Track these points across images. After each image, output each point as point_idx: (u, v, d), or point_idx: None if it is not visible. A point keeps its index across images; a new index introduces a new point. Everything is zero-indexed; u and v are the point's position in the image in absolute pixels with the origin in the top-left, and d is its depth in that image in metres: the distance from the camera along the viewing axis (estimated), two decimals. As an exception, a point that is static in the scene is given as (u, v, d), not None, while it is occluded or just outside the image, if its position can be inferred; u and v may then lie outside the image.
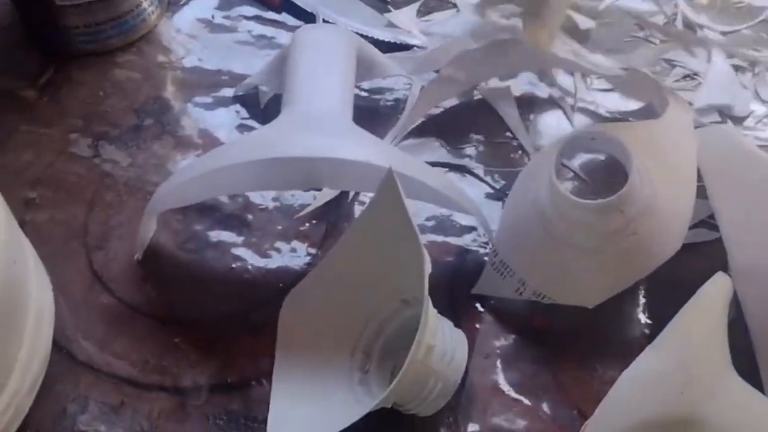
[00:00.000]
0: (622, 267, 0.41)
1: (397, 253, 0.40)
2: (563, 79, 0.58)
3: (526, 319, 0.45)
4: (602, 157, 0.51)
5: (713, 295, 0.35)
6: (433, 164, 0.51)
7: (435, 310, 0.39)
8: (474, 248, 0.48)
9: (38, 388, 0.40)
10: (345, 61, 0.49)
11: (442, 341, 0.38)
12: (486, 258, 0.46)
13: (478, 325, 0.44)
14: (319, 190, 0.50)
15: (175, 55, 0.60)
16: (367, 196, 0.49)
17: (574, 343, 0.44)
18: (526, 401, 0.42)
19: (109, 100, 0.56)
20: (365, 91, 0.57)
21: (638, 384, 0.32)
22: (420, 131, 0.54)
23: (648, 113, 0.54)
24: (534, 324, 0.44)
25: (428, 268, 0.36)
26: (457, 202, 0.44)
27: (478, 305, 0.45)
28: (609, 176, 0.48)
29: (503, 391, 0.42)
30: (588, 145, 0.46)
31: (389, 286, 0.41)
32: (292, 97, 0.46)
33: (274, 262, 0.47)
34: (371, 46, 0.53)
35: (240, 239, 0.48)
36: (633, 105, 0.56)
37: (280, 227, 0.49)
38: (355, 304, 0.42)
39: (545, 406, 0.41)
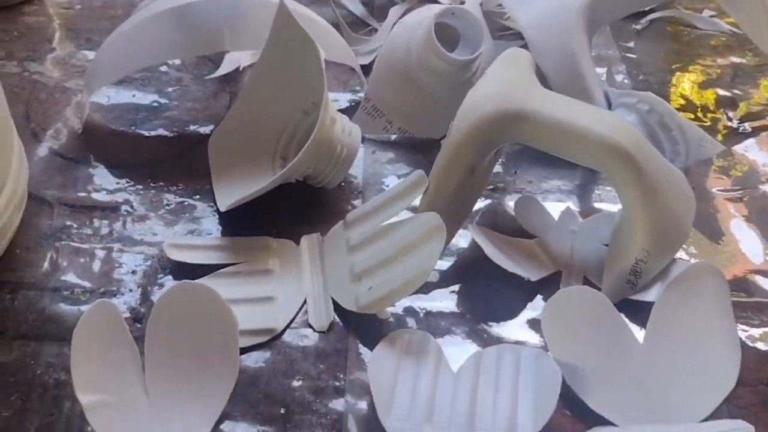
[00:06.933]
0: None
1: (297, 73, 0.52)
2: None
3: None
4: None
5: (517, 52, 0.49)
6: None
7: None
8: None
9: (23, 210, 0.49)
10: None
11: (341, 118, 0.51)
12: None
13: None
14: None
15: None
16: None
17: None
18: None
19: (24, 38, 0.66)
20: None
21: (477, 98, 0.45)
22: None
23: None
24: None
25: (323, 54, 0.48)
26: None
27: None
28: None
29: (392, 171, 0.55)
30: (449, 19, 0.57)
31: (293, 102, 0.53)
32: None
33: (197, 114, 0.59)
34: None
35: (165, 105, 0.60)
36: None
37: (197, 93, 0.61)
38: (267, 123, 0.54)
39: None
